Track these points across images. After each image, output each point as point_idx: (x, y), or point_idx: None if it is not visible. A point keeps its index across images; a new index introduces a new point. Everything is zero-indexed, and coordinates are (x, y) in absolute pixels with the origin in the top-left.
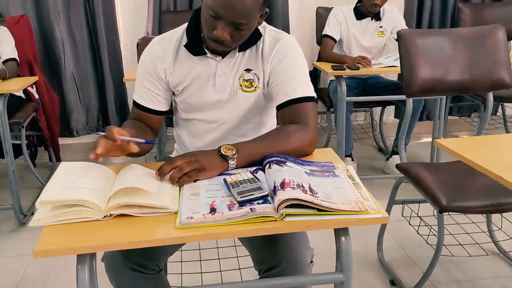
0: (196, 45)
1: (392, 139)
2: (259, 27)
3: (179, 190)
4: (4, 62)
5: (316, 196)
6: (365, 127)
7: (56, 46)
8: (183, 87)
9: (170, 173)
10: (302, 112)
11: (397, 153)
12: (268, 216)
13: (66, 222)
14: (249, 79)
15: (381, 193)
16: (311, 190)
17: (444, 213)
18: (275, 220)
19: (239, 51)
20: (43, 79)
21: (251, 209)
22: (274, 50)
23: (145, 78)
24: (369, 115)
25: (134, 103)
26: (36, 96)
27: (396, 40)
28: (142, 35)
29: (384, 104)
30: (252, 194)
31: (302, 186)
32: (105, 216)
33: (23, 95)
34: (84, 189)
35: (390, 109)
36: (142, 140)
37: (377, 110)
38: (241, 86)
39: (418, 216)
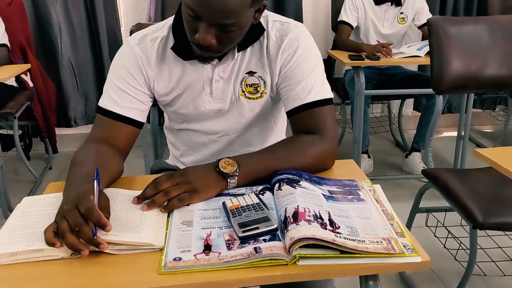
0: (185, 47)
1: (410, 132)
2: (261, 19)
3: (168, 217)
4: None
5: (338, 233)
6: (382, 120)
7: (52, 30)
8: (173, 96)
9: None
10: (318, 118)
11: (417, 150)
12: (277, 259)
13: (24, 261)
14: (253, 84)
15: (400, 194)
16: (331, 223)
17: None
18: (286, 264)
19: (238, 51)
20: (38, 65)
21: (255, 248)
22: (282, 47)
23: (122, 81)
24: (386, 107)
25: (102, 111)
26: (31, 84)
27: (419, 28)
28: (144, 18)
29: (403, 96)
30: (257, 228)
31: (320, 217)
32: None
33: (15, 84)
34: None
35: (409, 101)
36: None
37: (395, 102)
38: (244, 92)
39: (444, 226)
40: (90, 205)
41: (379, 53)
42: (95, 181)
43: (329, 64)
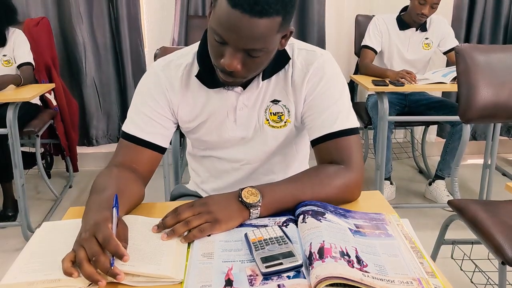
0: (210, 75)
1: (434, 159)
2: (286, 47)
3: (188, 247)
4: (19, 66)
5: (365, 271)
6: (404, 145)
7: (77, 50)
8: (197, 124)
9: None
10: (344, 148)
11: (441, 178)
12: None
13: None
14: (277, 112)
15: (423, 223)
16: (358, 260)
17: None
18: None
19: (263, 79)
20: (62, 84)
21: (279, 286)
22: (308, 76)
23: (146, 106)
24: (409, 132)
25: (125, 136)
26: (54, 103)
27: (444, 53)
28: (168, 40)
29: (427, 122)
30: (281, 263)
31: (347, 254)
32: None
33: (39, 102)
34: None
35: (433, 127)
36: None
37: (418, 127)
38: (267, 120)
39: (470, 259)
40: (107, 234)
41: (403, 79)
42: (114, 208)
43: (352, 87)
